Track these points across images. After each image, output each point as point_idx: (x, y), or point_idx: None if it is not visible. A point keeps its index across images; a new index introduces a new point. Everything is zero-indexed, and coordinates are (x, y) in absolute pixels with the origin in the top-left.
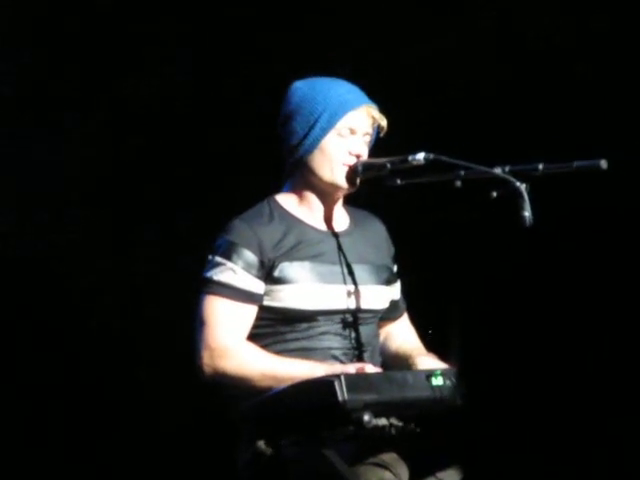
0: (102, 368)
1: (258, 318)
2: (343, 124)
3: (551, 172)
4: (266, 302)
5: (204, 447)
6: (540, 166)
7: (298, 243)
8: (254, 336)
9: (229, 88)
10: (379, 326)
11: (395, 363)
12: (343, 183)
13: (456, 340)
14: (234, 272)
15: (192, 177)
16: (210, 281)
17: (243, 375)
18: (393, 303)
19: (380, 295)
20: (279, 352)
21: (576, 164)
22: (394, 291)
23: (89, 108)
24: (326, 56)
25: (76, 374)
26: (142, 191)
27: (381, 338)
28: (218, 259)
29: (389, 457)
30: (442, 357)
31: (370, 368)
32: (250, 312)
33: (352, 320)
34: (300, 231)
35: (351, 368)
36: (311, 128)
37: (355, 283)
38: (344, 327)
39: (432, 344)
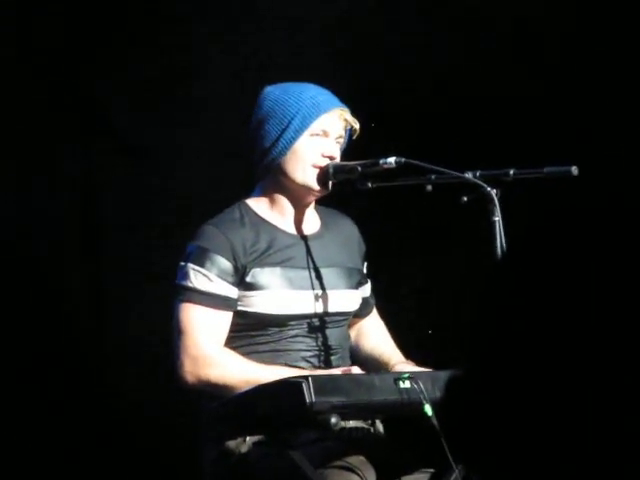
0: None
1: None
2: (316, 126)
3: (522, 177)
4: (238, 307)
5: (169, 443)
6: (511, 171)
7: (269, 248)
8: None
9: None
10: (350, 323)
11: (371, 365)
12: (315, 185)
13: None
14: (209, 279)
15: None
16: (186, 288)
17: (227, 383)
18: (364, 300)
19: (350, 298)
20: (249, 354)
21: (547, 170)
22: (365, 291)
23: None
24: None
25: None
26: None
27: (353, 335)
28: (192, 266)
29: (356, 460)
30: (417, 360)
31: (357, 370)
32: (227, 318)
33: (322, 324)
34: (271, 235)
35: (337, 372)
36: (284, 130)
37: (324, 287)
38: (314, 331)
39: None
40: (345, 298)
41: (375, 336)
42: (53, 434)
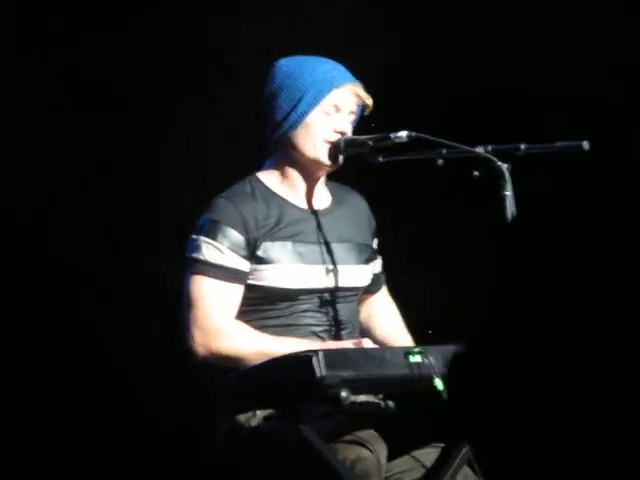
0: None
1: None
2: (328, 101)
3: (533, 152)
4: (249, 281)
5: (184, 416)
6: (522, 146)
7: (279, 222)
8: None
9: None
10: (361, 299)
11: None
12: (325, 159)
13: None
14: (221, 252)
15: None
16: (197, 261)
17: (238, 355)
18: (375, 276)
19: (360, 274)
20: (259, 328)
21: (558, 144)
22: (375, 267)
23: None
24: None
25: None
26: None
27: (363, 316)
28: (203, 239)
29: (367, 434)
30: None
31: (368, 342)
32: (238, 291)
33: (332, 298)
34: (282, 210)
35: (348, 344)
36: (296, 104)
37: (334, 262)
38: (324, 305)
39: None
40: (355, 273)
41: (385, 319)
42: (56, 428)
